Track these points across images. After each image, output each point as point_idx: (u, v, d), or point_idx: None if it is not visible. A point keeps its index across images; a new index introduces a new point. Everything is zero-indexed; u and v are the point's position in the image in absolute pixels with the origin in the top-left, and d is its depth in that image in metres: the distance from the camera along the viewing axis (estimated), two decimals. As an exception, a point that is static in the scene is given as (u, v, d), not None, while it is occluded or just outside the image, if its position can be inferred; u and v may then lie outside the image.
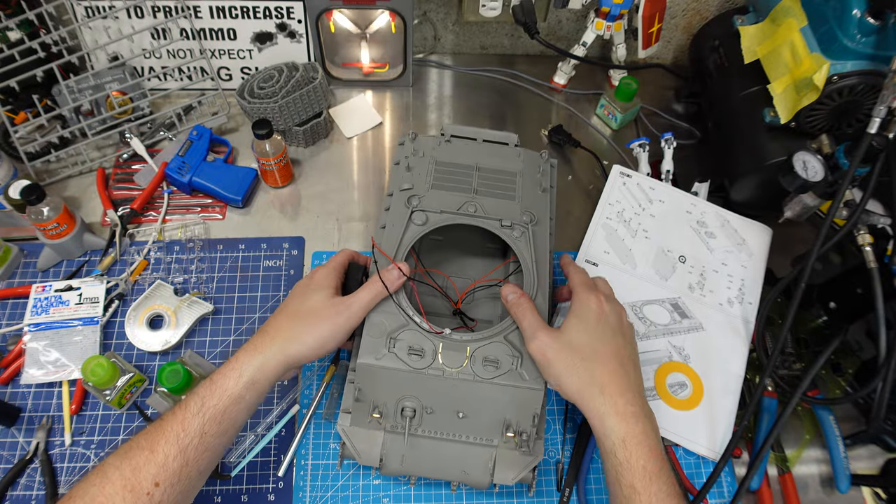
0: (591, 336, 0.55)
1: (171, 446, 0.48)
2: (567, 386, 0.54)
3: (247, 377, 0.51)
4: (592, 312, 0.56)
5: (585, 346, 0.54)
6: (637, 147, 0.86)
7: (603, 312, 0.56)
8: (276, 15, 0.85)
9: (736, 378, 0.70)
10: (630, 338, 0.58)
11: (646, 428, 0.51)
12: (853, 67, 0.66)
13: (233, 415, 0.51)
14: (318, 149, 0.88)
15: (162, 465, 0.47)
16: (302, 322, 0.55)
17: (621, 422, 0.51)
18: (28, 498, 0.62)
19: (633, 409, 0.51)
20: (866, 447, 0.70)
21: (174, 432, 0.48)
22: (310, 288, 0.57)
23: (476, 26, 0.98)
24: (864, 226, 0.63)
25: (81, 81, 0.81)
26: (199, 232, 0.79)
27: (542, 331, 0.55)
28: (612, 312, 0.57)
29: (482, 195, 0.68)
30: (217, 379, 0.51)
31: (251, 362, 0.52)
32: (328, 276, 0.58)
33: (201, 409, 0.49)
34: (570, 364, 0.53)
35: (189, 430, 0.48)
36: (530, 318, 0.56)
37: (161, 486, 0.46)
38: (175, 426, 0.48)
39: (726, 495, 0.66)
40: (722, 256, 0.78)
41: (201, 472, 0.50)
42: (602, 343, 0.55)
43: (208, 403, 0.50)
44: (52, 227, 0.70)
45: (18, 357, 0.68)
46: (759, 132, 0.75)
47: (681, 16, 0.97)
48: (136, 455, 0.47)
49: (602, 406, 0.52)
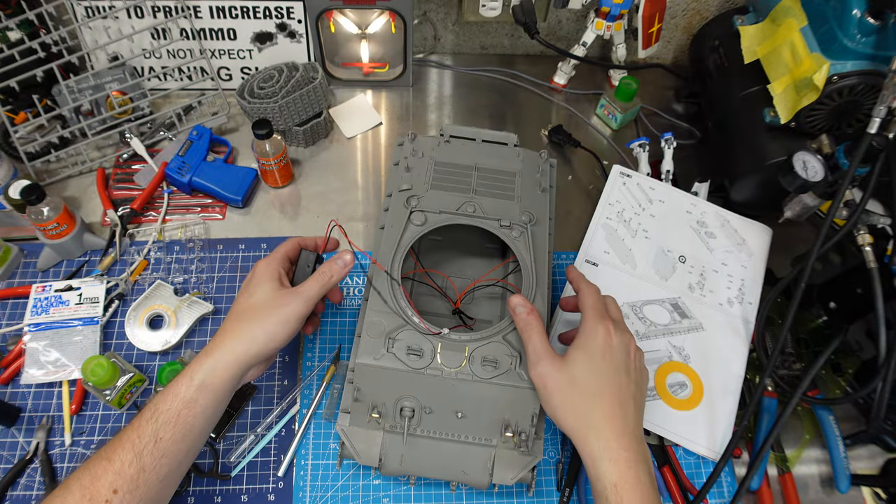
0: (595, 373, 0.53)
1: (126, 453, 0.48)
2: (563, 421, 0.53)
3: (198, 381, 0.51)
4: (599, 346, 0.53)
5: (587, 383, 0.52)
6: (637, 147, 0.86)
7: (610, 346, 0.54)
8: (276, 15, 0.85)
9: (736, 378, 0.70)
10: (636, 375, 0.55)
11: (639, 473, 0.49)
12: (853, 67, 0.66)
13: (187, 419, 0.50)
14: (318, 149, 0.88)
15: (118, 471, 0.47)
16: (248, 319, 0.54)
17: (614, 467, 0.49)
18: (28, 498, 0.62)
19: (627, 454, 0.50)
20: (866, 447, 0.70)
21: (129, 439, 0.49)
22: (252, 283, 0.56)
23: (476, 26, 0.98)
24: (864, 226, 0.63)
25: (81, 81, 0.81)
26: (199, 232, 0.79)
27: (547, 359, 0.54)
28: (619, 346, 0.54)
29: (481, 195, 0.68)
30: (170, 385, 0.52)
31: (202, 366, 0.52)
32: (269, 268, 0.57)
33: (154, 414, 0.50)
34: (569, 400, 0.52)
35: (143, 435, 0.49)
36: (536, 341, 0.54)
37: (119, 492, 0.47)
38: (131, 433, 0.49)
39: (726, 495, 0.66)
40: (722, 256, 0.78)
41: (161, 479, 0.49)
42: (605, 381, 0.53)
43: (161, 408, 0.50)
44: (52, 227, 0.71)
45: (18, 357, 0.68)
46: (759, 132, 0.75)
47: (681, 16, 0.97)
48: (95, 465, 0.48)
49: (596, 449, 0.50)
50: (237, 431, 0.66)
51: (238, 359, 0.53)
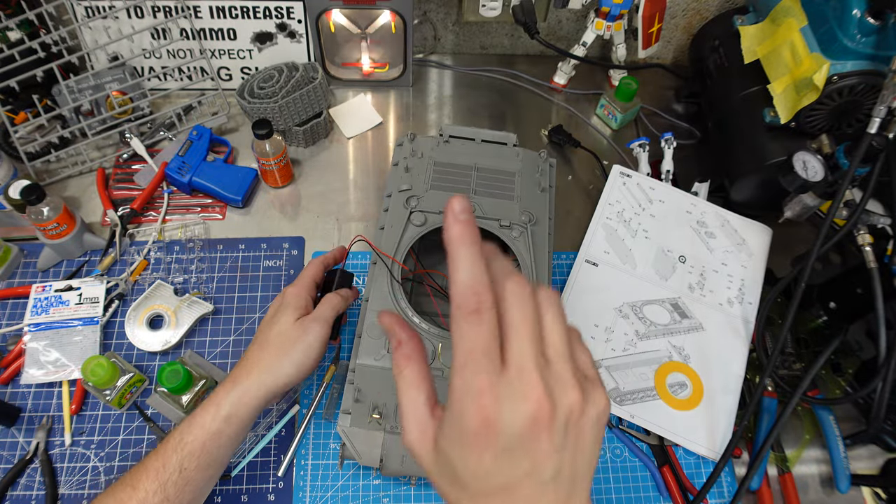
0: (477, 471, 0.28)
1: (151, 482, 0.49)
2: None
3: (224, 412, 0.52)
4: (471, 430, 0.28)
5: (471, 482, 0.29)
6: (637, 147, 0.86)
7: (494, 429, 0.27)
8: (276, 15, 0.85)
9: (736, 378, 0.70)
10: (566, 467, 0.29)
11: None
12: (853, 67, 0.66)
13: (211, 449, 0.51)
14: (318, 149, 0.88)
15: (143, 500, 0.48)
16: (275, 351, 0.55)
17: None
18: (28, 498, 0.62)
19: None
20: (866, 447, 0.70)
21: (154, 468, 0.49)
22: (279, 311, 0.57)
23: (476, 26, 0.98)
24: (864, 226, 0.63)
25: (81, 81, 0.81)
26: (199, 232, 0.79)
27: (415, 429, 0.31)
28: (517, 426, 0.27)
29: (481, 195, 0.68)
30: (197, 413, 0.52)
31: (228, 397, 0.52)
32: (299, 297, 0.58)
33: (179, 445, 0.50)
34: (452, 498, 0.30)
35: (168, 465, 0.50)
36: (406, 397, 0.32)
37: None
38: (156, 462, 0.50)
39: (726, 495, 0.66)
40: (722, 256, 0.78)
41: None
42: (497, 482, 0.28)
43: (186, 439, 0.51)
44: (52, 227, 0.70)
45: (18, 357, 0.68)
46: (759, 132, 0.75)
47: (681, 16, 0.97)
48: (119, 491, 0.49)
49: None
50: (237, 431, 0.66)
51: (268, 390, 0.54)
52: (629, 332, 0.72)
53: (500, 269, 0.29)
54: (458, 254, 0.28)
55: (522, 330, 0.28)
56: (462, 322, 0.28)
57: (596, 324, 0.72)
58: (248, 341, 0.71)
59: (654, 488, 0.66)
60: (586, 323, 0.72)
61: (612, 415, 0.69)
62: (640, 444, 0.68)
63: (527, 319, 0.28)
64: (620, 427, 0.69)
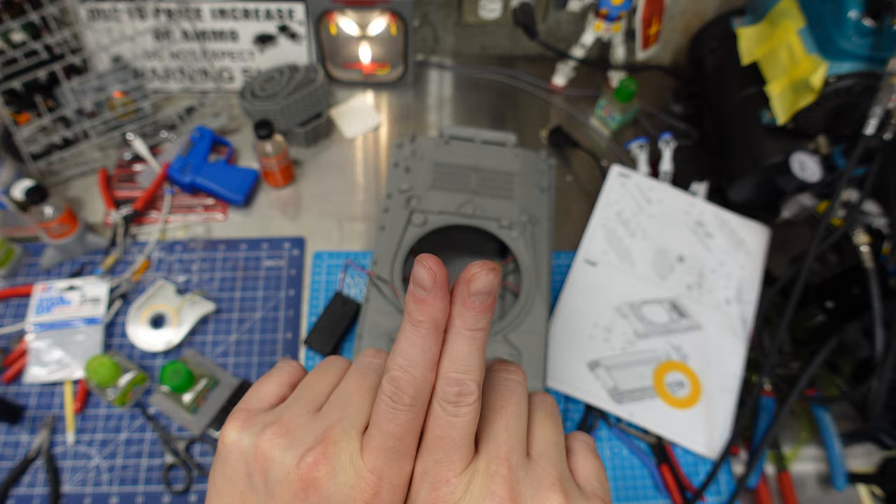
0: None
1: None
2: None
3: None
4: None
5: None
6: (636, 148, 0.86)
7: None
8: (277, 17, 0.85)
9: (734, 377, 0.70)
10: None
11: None
12: (850, 69, 0.66)
13: None
14: (318, 149, 0.89)
15: None
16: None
17: None
18: (31, 496, 0.62)
19: None
20: (863, 445, 0.70)
21: None
22: None
23: (476, 28, 0.99)
24: (861, 226, 0.64)
25: (84, 83, 0.82)
26: (201, 232, 0.79)
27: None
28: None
29: (481, 196, 0.69)
30: None
31: None
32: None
33: None
34: None
35: None
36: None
37: None
38: None
39: (724, 493, 0.66)
40: (720, 256, 0.78)
41: None
42: None
43: None
44: (55, 227, 0.71)
45: (22, 356, 0.69)
46: (756, 133, 0.75)
47: (679, 17, 0.97)
48: None
49: None
50: (239, 430, 0.67)
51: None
52: (628, 331, 0.72)
53: (496, 360, 0.27)
54: (454, 337, 0.24)
55: (507, 419, 0.25)
56: (439, 407, 0.24)
57: (595, 323, 0.73)
58: (250, 341, 0.72)
59: (653, 486, 0.67)
60: (585, 323, 0.73)
61: (610, 413, 0.69)
62: (638, 442, 0.69)
63: (514, 413, 0.25)
64: (619, 426, 0.69)
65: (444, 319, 0.24)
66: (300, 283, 0.76)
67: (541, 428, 0.26)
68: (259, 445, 0.24)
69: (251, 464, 0.24)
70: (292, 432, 0.24)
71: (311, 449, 0.23)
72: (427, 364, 0.24)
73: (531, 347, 0.61)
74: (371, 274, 0.63)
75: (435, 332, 0.24)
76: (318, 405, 0.26)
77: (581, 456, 0.26)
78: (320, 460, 0.23)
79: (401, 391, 0.23)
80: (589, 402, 0.69)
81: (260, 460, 0.24)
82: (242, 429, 0.25)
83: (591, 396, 0.69)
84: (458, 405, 0.24)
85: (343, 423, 0.24)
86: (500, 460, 0.24)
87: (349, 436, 0.24)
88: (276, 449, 0.23)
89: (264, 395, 0.27)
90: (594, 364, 0.70)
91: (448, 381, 0.24)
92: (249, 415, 0.26)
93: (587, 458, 0.26)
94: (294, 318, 0.74)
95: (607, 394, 0.69)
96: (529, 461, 0.25)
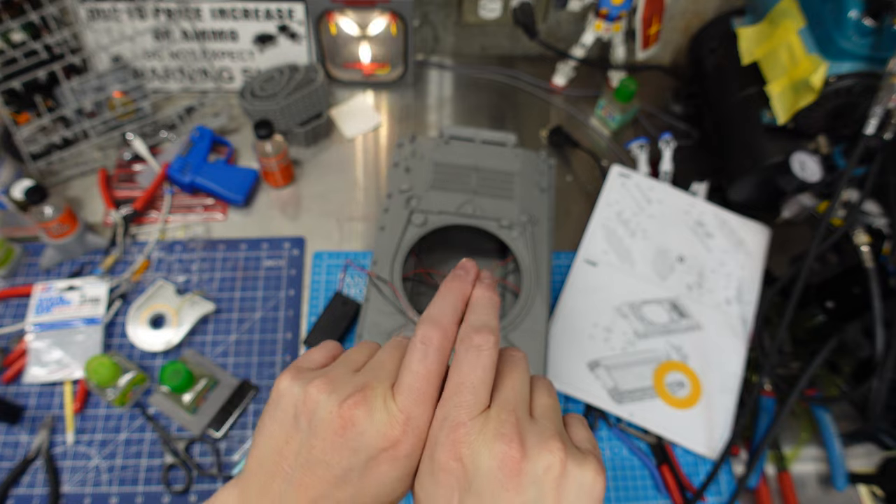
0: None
1: None
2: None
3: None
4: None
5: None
6: (636, 148, 0.86)
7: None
8: (277, 17, 0.85)
9: (734, 377, 0.70)
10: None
11: None
12: (850, 69, 0.66)
13: None
14: (318, 149, 0.89)
15: None
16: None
17: None
18: (30, 496, 0.62)
19: None
20: (863, 446, 0.70)
21: None
22: None
23: (476, 28, 0.99)
24: (861, 226, 0.64)
25: (84, 83, 0.82)
26: (201, 232, 0.79)
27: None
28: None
29: (481, 196, 0.69)
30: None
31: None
32: None
33: None
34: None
35: None
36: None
37: None
38: None
39: (724, 493, 0.66)
40: (720, 256, 0.78)
41: None
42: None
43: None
44: (55, 227, 0.71)
45: (21, 356, 0.69)
46: (757, 133, 0.75)
47: (679, 17, 0.97)
48: None
49: None
50: (239, 430, 0.67)
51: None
52: (628, 331, 0.72)
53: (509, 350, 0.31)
54: (480, 302, 0.31)
55: (513, 382, 0.29)
56: (461, 352, 0.28)
57: (595, 323, 0.73)
58: (250, 341, 0.72)
59: (653, 487, 0.66)
60: (585, 323, 0.73)
61: (610, 413, 0.69)
62: (638, 442, 0.69)
63: (519, 378, 0.29)
64: (619, 426, 0.69)
65: (469, 294, 0.31)
66: (300, 283, 0.76)
67: (541, 396, 0.30)
68: (308, 392, 0.28)
69: (299, 407, 0.28)
70: (335, 383, 0.28)
71: (350, 395, 0.28)
72: (454, 318, 0.30)
73: (531, 347, 0.61)
74: (371, 274, 0.63)
75: (462, 299, 0.31)
76: (358, 368, 0.30)
77: (576, 427, 0.30)
78: (359, 403, 0.27)
79: (431, 335, 0.28)
80: (589, 402, 0.69)
81: (308, 404, 0.28)
82: (294, 379, 0.29)
83: (591, 396, 0.69)
84: (481, 348, 0.28)
85: (378, 377, 0.29)
86: (509, 411, 0.27)
87: (384, 385, 0.28)
88: (322, 395, 0.28)
89: (312, 359, 0.32)
90: (594, 364, 0.70)
91: (473, 328, 0.29)
92: (300, 371, 0.30)
93: (582, 428, 0.30)
94: (294, 318, 0.74)
95: (607, 394, 0.69)
96: (533, 420, 0.28)
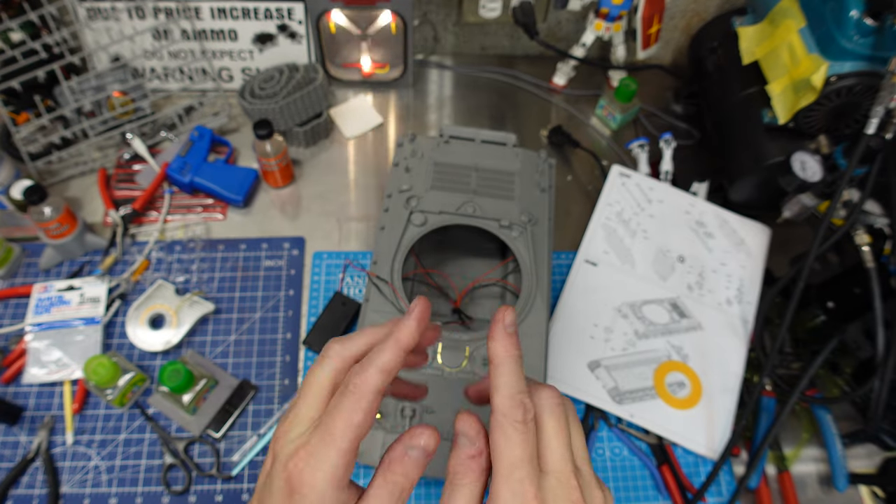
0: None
1: None
2: None
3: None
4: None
5: None
6: (636, 147, 0.86)
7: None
8: (276, 16, 0.85)
9: (734, 377, 0.70)
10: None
11: None
12: (851, 68, 0.66)
13: None
14: (318, 149, 0.89)
15: None
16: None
17: None
18: (30, 497, 0.62)
19: None
20: (864, 446, 0.70)
21: None
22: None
23: (476, 27, 0.98)
24: (862, 226, 0.64)
25: (83, 82, 0.82)
26: (201, 232, 0.79)
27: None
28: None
29: (481, 195, 0.68)
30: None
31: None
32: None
33: None
34: None
35: None
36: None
37: None
38: None
39: (725, 494, 0.66)
40: (721, 256, 0.78)
41: None
42: None
43: None
44: (54, 227, 0.71)
45: (20, 357, 0.68)
46: (757, 133, 0.75)
47: (680, 17, 0.97)
48: None
49: None
50: (238, 430, 0.67)
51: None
52: (628, 331, 0.72)
53: (532, 380, 0.32)
54: (506, 365, 0.30)
55: (560, 439, 0.30)
56: (510, 429, 0.29)
57: (595, 323, 0.72)
58: (249, 341, 0.72)
59: (654, 487, 0.66)
60: (586, 323, 0.72)
61: (611, 413, 0.69)
62: (639, 443, 0.69)
63: (563, 430, 0.30)
64: (619, 426, 0.69)
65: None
66: (300, 283, 0.76)
67: (577, 439, 0.31)
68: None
69: (338, 377, 0.32)
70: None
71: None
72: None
73: (531, 347, 0.61)
74: (371, 274, 0.63)
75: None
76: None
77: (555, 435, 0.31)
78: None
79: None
80: (589, 403, 0.69)
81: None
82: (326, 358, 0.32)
83: (591, 397, 0.69)
84: (526, 422, 0.28)
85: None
86: (567, 473, 0.29)
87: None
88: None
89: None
90: (595, 364, 0.70)
91: (514, 403, 0.29)
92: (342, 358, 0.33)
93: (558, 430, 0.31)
94: (294, 318, 0.73)
95: (608, 394, 0.69)
96: (577, 468, 0.30)
